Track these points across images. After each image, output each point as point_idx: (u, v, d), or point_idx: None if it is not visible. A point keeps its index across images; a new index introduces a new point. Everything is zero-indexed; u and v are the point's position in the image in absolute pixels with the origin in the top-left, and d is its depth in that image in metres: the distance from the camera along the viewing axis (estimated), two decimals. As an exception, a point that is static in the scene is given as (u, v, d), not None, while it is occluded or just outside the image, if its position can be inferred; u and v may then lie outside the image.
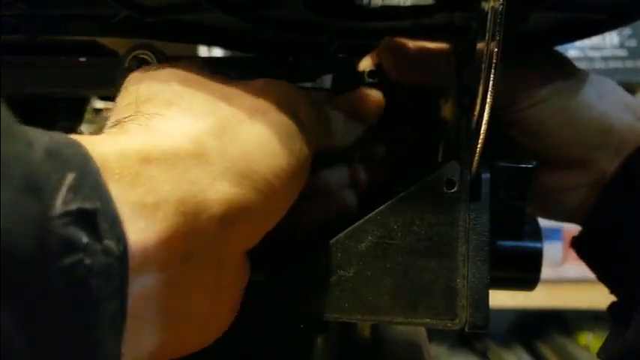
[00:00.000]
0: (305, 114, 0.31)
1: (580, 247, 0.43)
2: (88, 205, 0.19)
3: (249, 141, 0.27)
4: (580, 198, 0.41)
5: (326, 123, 0.34)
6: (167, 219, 0.23)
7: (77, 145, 0.21)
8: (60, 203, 0.18)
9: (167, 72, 0.30)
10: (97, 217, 0.19)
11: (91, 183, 0.20)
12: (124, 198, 0.22)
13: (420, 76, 0.39)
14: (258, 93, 0.30)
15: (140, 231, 0.22)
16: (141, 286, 0.22)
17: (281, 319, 0.35)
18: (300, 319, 0.34)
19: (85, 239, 0.19)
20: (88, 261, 0.18)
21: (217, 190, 0.25)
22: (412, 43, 0.39)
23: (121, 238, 0.20)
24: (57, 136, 0.20)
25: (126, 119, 0.27)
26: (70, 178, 0.19)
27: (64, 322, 0.18)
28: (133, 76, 0.31)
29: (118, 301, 0.20)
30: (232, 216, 0.26)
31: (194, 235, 0.24)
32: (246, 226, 0.27)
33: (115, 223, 0.20)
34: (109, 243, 0.20)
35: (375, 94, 0.37)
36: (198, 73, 0.31)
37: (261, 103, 0.30)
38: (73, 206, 0.19)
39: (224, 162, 0.26)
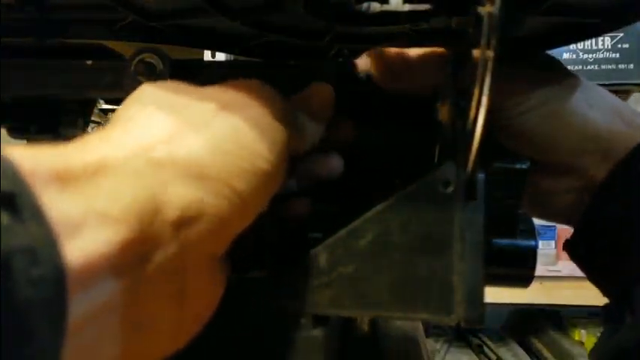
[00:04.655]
0: (279, 114, 0.31)
1: (572, 249, 0.43)
2: (5, 188, 0.19)
3: (204, 145, 0.27)
4: (568, 202, 0.42)
5: (297, 123, 0.34)
6: (128, 225, 0.23)
7: None
8: None
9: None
10: (16, 200, 0.19)
11: (7, 171, 0.20)
12: (88, 208, 0.22)
13: (407, 85, 0.40)
14: (229, 94, 0.30)
15: (105, 239, 0.22)
16: (98, 294, 0.22)
17: (282, 315, 0.36)
18: (300, 313, 0.35)
19: (4, 220, 0.18)
20: (8, 240, 0.18)
21: (171, 195, 0.25)
22: (398, 52, 0.39)
23: (43, 223, 0.20)
24: None
25: (97, 131, 0.28)
26: None
27: None
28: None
29: (50, 286, 0.19)
30: (187, 220, 0.26)
31: (151, 238, 0.24)
32: (206, 230, 0.27)
33: (36, 208, 0.20)
34: (32, 226, 0.19)
35: (324, 90, 0.37)
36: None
37: (229, 104, 0.30)
38: None
39: (176, 168, 0.26)
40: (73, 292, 0.20)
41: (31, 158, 0.22)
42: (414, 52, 0.40)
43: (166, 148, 0.27)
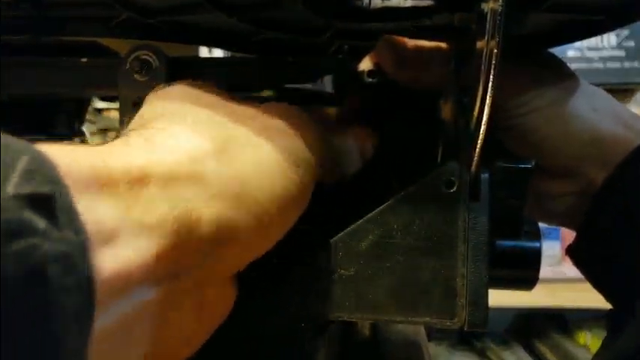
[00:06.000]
0: (313, 142, 0.32)
1: (575, 254, 0.43)
2: (43, 190, 0.18)
3: (249, 164, 0.28)
4: (568, 205, 0.42)
5: (332, 153, 0.35)
6: (164, 237, 0.23)
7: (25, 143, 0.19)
8: (11, 186, 0.17)
9: (180, 89, 0.31)
10: (54, 204, 0.18)
11: (45, 171, 0.19)
12: (125, 215, 0.22)
13: (417, 74, 0.39)
14: (268, 116, 0.31)
15: (139, 249, 0.22)
16: (128, 303, 0.22)
17: (282, 318, 0.35)
18: (300, 317, 0.34)
19: (41, 224, 0.17)
20: (44, 246, 0.17)
21: (210, 211, 0.25)
22: (409, 41, 0.39)
23: (79, 228, 0.19)
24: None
25: (132, 131, 0.27)
26: (23, 161, 0.18)
27: (18, 313, 0.17)
28: (156, 92, 0.31)
29: (81, 294, 0.19)
30: (223, 237, 0.26)
31: (185, 254, 0.24)
32: (236, 248, 0.27)
33: (73, 213, 0.19)
34: (68, 232, 0.18)
35: (367, 132, 0.38)
36: (211, 92, 0.31)
37: (269, 127, 0.30)
38: (27, 190, 0.17)
39: (219, 183, 0.26)
40: (102, 299, 0.20)
41: (68, 158, 0.21)
42: (425, 42, 0.40)
43: (212, 163, 0.27)
